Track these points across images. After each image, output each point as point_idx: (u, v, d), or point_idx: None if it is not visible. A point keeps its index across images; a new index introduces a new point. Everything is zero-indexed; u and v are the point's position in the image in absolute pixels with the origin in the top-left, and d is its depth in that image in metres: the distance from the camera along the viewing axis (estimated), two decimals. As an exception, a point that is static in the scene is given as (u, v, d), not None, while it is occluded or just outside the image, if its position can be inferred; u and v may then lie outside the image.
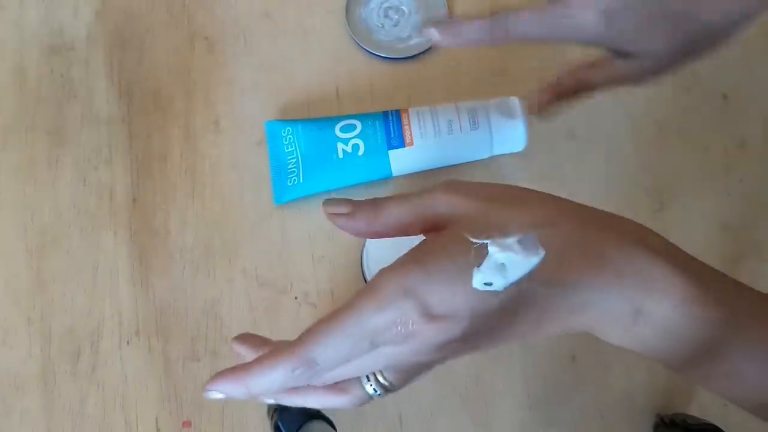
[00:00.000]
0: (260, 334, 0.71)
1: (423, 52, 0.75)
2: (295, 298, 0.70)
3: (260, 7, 0.78)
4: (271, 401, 0.30)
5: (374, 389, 0.32)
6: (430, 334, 0.27)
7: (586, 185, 0.71)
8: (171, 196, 0.73)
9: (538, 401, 0.66)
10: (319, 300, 0.69)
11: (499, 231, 0.25)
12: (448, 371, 0.67)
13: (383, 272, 0.27)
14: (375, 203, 0.32)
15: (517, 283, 0.26)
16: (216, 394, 0.29)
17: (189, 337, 0.69)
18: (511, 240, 0.25)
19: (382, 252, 0.68)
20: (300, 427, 0.59)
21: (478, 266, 0.25)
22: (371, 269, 0.68)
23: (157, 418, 0.67)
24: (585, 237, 0.28)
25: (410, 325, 0.26)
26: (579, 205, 0.31)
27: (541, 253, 0.25)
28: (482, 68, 0.75)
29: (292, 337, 0.70)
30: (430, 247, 0.27)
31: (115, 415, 0.67)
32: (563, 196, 0.33)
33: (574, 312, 0.27)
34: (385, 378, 0.32)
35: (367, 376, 0.32)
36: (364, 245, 0.69)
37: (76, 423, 0.67)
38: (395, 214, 0.31)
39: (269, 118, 0.74)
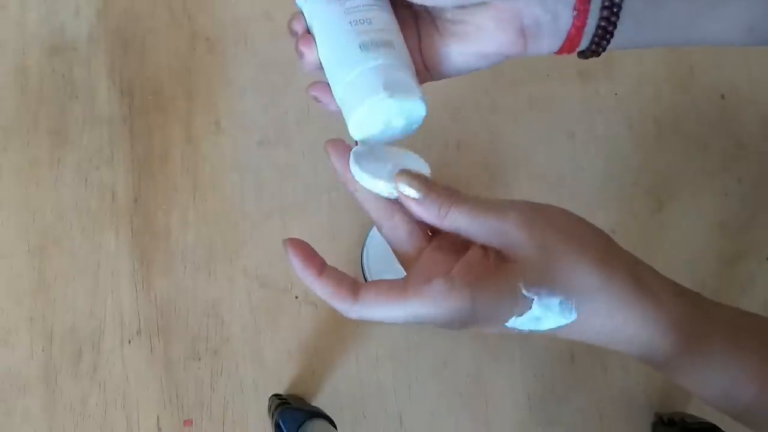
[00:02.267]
0: (261, 333, 0.72)
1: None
2: (296, 297, 0.70)
3: (261, 7, 0.78)
4: None
5: None
6: (456, 327, 0.31)
7: (585, 185, 0.71)
8: (172, 196, 0.73)
9: (537, 401, 0.67)
10: (319, 300, 0.69)
11: (548, 288, 0.29)
12: (448, 371, 0.68)
13: (442, 289, 0.29)
14: (447, 200, 0.31)
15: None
16: (294, 263, 0.32)
17: (190, 336, 0.69)
18: (554, 301, 0.29)
19: (382, 252, 0.68)
20: (301, 425, 0.59)
21: (519, 315, 0.29)
22: (371, 269, 0.68)
23: (158, 417, 0.67)
24: (621, 304, 0.32)
25: (444, 324, 0.30)
26: (630, 261, 0.34)
27: (574, 316, 0.30)
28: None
29: (293, 336, 0.70)
30: (485, 277, 0.30)
31: (116, 414, 0.68)
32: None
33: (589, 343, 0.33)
34: None
35: None
36: (364, 245, 0.69)
37: (77, 422, 0.67)
38: (463, 225, 0.31)
39: (269, 117, 0.75)
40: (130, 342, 0.69)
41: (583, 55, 0.36)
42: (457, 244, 0.32)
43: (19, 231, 0.72)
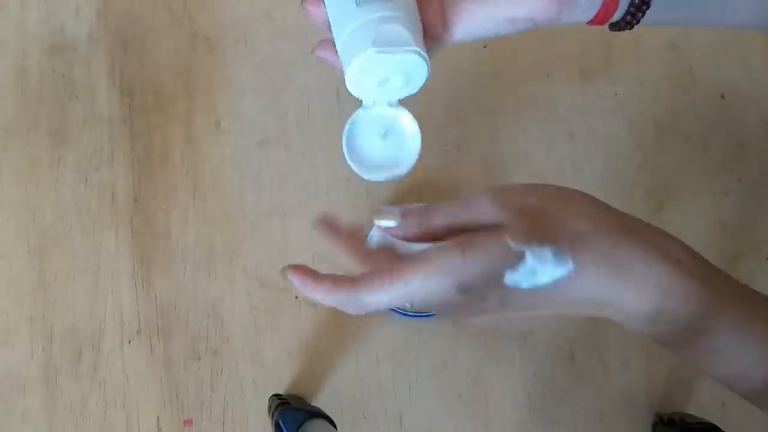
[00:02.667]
0: (261, 333, 0.72)
1: (423, 53, 0.75)
2: (296, 297, 0.70)
3: (261, 7, 0.78)
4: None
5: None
6: (459, 300, 0.32)
7: (585, 185, 0.71)
8: (172, 196, 0.73)
9: (537, 401, 0.67)
10: (319, 300, 0.69)
11: (538, 242, 0.30)
12: (448, 372, 0.68)
13: (434, 251, 0.31)
14: (423, 213, 0.34)
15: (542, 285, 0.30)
16: (290, 281, 0.33)
17: (190, 336, 0.69)
18: (547, 251, 0.29)
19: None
20: (301, 425, 0.59)
21: (513, 269, 0.29)
22: (371, 269, 0.68)
23: (158, 417, 0.67)
24: (615, 249, 0.31)
25: (444, 294, 0.31)
26: (619, 215, 0.33)
27: (570, 266, 0.29)
28: (482, 69, 0.76)
29: (293, 336, 0.70)
30: (475, 242, 0.31)
31: (116, 414, 0.67)
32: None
33: (598, 308, 0.31)
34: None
35: None
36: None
37: (77, 422, 0.67)
38: (442, 225, 0.33)
39: (269, 117, 0.75)
40: (130, 342, 0.69)
41: (616, 26, 0.35)
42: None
43: (19, 231, 0.72)
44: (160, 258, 0.71)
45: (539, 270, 0.30)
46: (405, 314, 0.67)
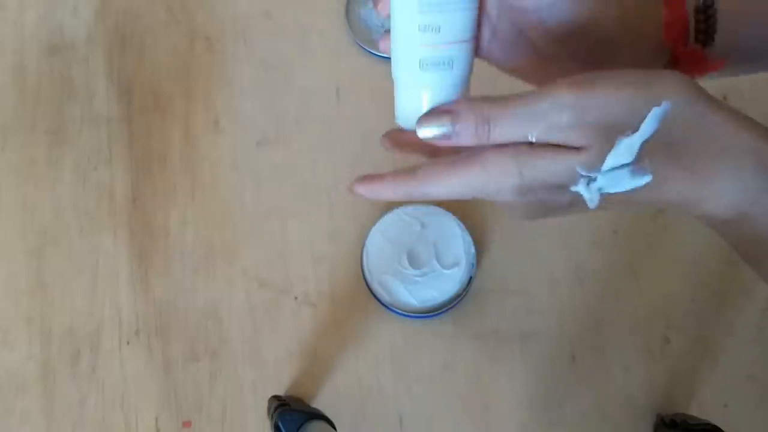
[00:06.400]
0: (260, 334, 0.72)
1: (423, 52, 0.75)
2: (295, 298, 0.70)
3: (260, 6, 0.78)
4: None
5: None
6: (519, 199, 0.29)
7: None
8: (171, 196, 0.73)
9: (538, 402, 0.66)
10: (319, 300, 0.69)
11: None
12: (448, 372, 0.67)
13: (490, 155, 0.29)
14: (482, 119, 0.30)
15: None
16: (357, 192, 0.33)
17: (189, 337, 0.69)
18: (625, 171, 0.27)
19: (382, 252, 0.68)
20: (300, 426, 0.59)
21: (578, 186, 0.27)
22: (371, 269, 0.68)
23: (157, 418, 0.67)
24: (698, 159, 0.29)
25: (503, 195, 0.29)
26: (708, 114, 0.31)
27: (647, 178, 0.27)
28: (482, 69, 0.75)
29: (292, 337, 0.70)
30: (537, 160, 0.28)
31: (114, 415, 0.67)
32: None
33: (674, 204, 0.29)
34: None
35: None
36: (364, 245, 0.69)
37: (75, 423, 0.67)
38: (509, 137, 0.29)
39: (269, 117, 0.74)
40: (128, 343, 0.69)
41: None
42: None
43: (17, 231, 0.71)
44: (158, 258, 0.71)
45: (612, 185, 0.28)
46: (405, 314, 0.67)
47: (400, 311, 0.67)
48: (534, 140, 0.29)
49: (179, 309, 0.70)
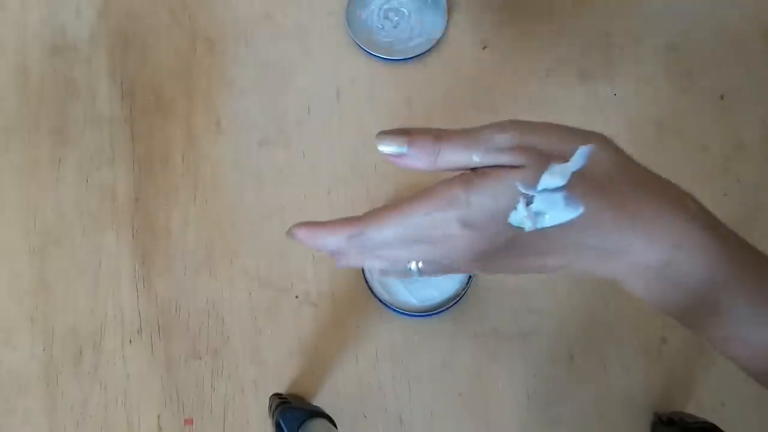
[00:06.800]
0: (261, 333, 0.72)
1: (423, 54, 0.76)
2: (296, 297, 0.70)
3: (261, 8, 0.78)
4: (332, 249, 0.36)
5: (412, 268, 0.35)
6: (461, 241, 0.31)
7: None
8: (173, 196, 0.73)
9: (537, 400, 0.67)
10: (319, 299, 0.70)
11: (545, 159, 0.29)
12: (448, 371, 0.68)
13: (438, 185, 0.30)
14: (434, 140, 0.32)
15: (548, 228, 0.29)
16: (295, 237, 0.35)
17: (191, 336, 0.69)
18: (558, 196, 0.29)
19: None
20: (301, 424, 0.59)
21: (517, 209, 0.29)
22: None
23: (159, 417, 0.68)
24: (629, 198, 0.31)
25: (447, 229, 0.30)
26: (637, 166, 0.33)
27: (580, 209, 0.29)
28: (482, 69, 0.76)
29: (293, 336, 0.70)
30: (482, 181, 0.30)
31: (117, 413, 0.68)
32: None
33: (603, 258, 0.30)
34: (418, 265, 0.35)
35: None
36: (364, 245, 0.69)
37: (78, 422, 0.68)
38: (455, 160, 0.32)
39: (269, 117, 0.75)
40: (131, 341, 0.69)
41: None
42: None
43: (19, 231, 0.72)
44: (160, 258, 0.71)
45: (547, 212, 0.29)
46: (405, 313, 0.67)
47: (400, 310, 0.67)
48: (478, 161, 0.31)
49: (181, 308, 0.70)
